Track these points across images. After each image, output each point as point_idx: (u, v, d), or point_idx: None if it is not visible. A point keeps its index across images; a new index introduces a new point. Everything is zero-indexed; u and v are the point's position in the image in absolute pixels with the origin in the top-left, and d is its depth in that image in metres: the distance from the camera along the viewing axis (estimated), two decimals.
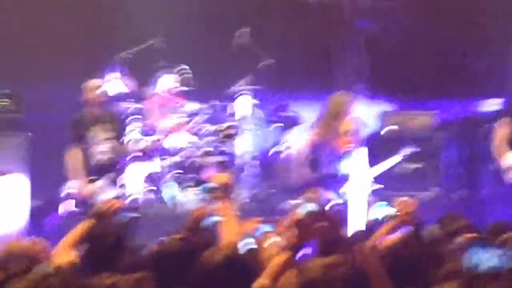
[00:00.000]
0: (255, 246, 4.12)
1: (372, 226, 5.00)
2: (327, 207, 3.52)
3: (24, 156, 8.69)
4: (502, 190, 8.94)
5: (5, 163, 8.50)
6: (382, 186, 7.78)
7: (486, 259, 2.90)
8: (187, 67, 9.70)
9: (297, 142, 9.05)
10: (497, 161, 8.43)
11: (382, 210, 4.84)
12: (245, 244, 4.15)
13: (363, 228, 4.99)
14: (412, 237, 4.41)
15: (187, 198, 9.11)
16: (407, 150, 8.50)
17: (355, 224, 5.40)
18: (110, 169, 8.00)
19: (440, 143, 9.93)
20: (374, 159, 7.92)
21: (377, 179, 8.02)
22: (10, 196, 8.41)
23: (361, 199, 7.47)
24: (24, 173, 8.56)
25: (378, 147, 9.25)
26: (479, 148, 9.95)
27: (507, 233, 3.71)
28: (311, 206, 3.51)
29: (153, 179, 9.31)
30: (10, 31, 10.12)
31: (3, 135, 8.73)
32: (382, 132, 10.00)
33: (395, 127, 9.95)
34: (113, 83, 9.47)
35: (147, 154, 9.26)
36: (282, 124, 10.08)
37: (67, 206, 8.15)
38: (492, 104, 10.71)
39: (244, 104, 9.64)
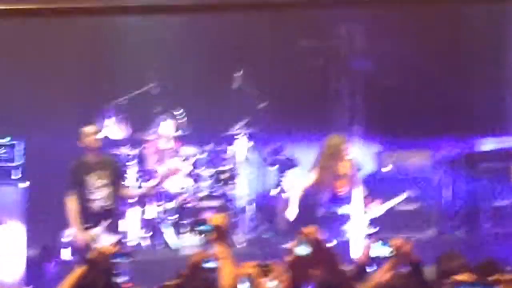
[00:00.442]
0: None
1: (370, 266, 4.99)
2: (323, 248, 3.51)
3: (21, 204, 8.68)
4: (501, 229, 8.91)
5: (1, 211, 8.49)
6: (379, 226, 7.77)
7: None
8: (183, 112, 9.73)
9: (293, 184, 9.06)
10: None
11: (379, 250, 4.83)
12: None
13: (361, 268, 4.98)
14: (410, 276, 4.40)
15: (185, 242, 9.08)
16: (404, 192, 8.50)
17: (352, 264, 5.39)
18: (108, 215, 7.97)
19: (437, 182, 9.92)
20: (371, 200, 7.91)
21: (374, 219, 8.01)
22: (7, 245, 8.37)
23: (359, 240, 7.45)
24: (21, 221, 8.53)
25: (375, 187, 9.23)
26: (477, 186, 9.93)
27: (498, 272, 3.69)
28: (307, 248, 3.50)
29: (150, 224, 9.29)
30: (7, 80, 10.15)
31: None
32: (379, 173, 9.99)
33: (392, 167, 9.94)
34: (110, 129, 9.50)
35: (144, 199, 9.25)
36: (278, 167, 10.08)
37: (64, 254, 8.11)
38: (489, 143, 10.72)
39: (240, 147, 9.66)
